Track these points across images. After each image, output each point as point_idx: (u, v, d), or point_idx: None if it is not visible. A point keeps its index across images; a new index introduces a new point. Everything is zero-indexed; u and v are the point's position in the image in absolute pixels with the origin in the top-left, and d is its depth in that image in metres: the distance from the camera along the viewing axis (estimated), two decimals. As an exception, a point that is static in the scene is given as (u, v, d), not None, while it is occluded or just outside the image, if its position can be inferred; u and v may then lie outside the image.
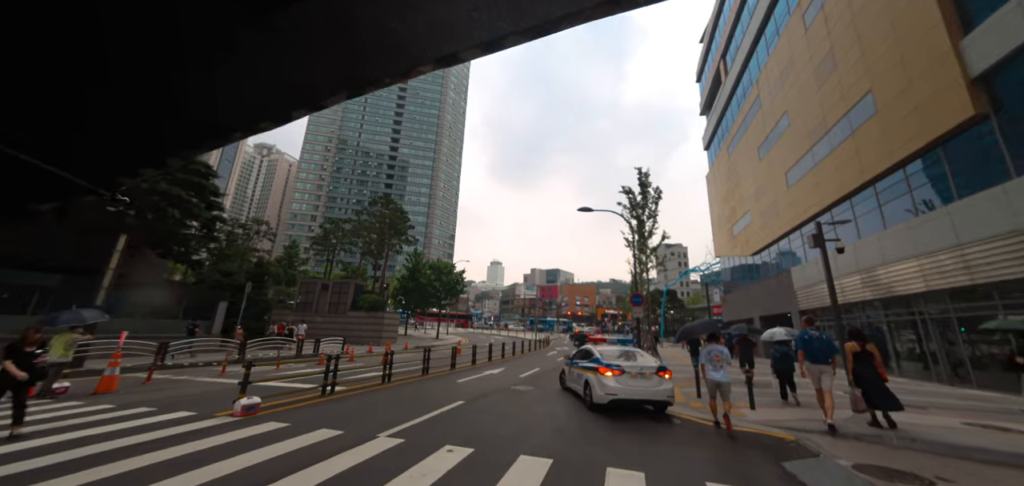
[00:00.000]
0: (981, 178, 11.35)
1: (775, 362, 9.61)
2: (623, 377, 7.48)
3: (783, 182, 22.98)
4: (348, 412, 7.15)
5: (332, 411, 7.16)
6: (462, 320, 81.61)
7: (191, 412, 6.60)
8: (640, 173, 18.49)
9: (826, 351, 6.98)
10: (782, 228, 23.26)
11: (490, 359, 19.38)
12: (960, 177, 12.04)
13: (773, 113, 24.34)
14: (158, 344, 13.25)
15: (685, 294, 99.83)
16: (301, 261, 48.86)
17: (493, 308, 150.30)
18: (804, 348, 7.24)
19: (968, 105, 11.25)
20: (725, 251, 36.60)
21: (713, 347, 7.04)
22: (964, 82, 11.39)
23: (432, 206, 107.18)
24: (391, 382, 10.92)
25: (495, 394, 9.75)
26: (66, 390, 8.34)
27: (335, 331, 30.47)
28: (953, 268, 11.91)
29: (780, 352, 9.61)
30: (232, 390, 8.46)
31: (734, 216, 32.71)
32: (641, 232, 17.74)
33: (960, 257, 11.62)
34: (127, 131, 1.17)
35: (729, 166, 33.61)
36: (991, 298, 11.23)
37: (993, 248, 10.74)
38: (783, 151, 22.94)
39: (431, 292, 40.90)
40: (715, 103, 37.93)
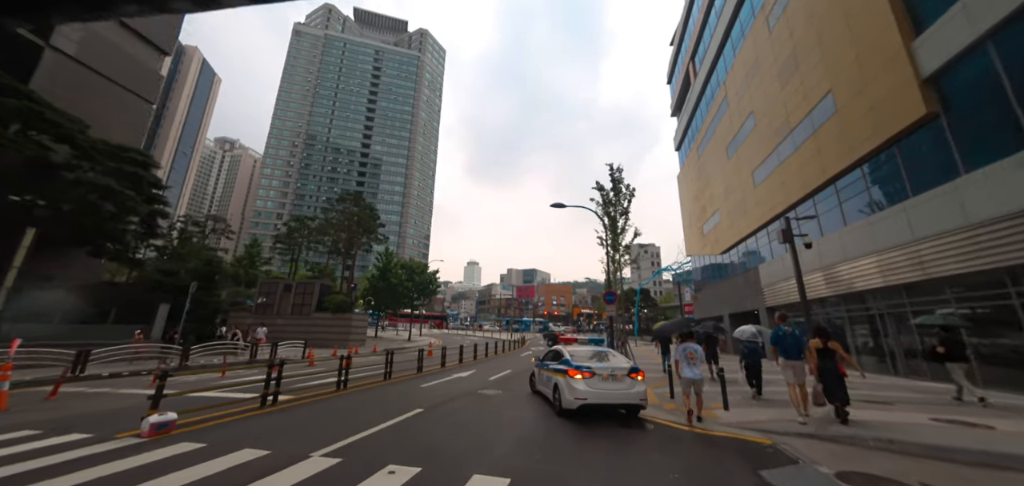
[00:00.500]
0: (933, 176, 11.75)
1: (744, 356, 9.98)
2: (594, 380, 7.00)
3: (750, 181, 23.54)
4: (283, 426, 6.27)
5: (265, 426, 6.26)
6: (437, 321, 79.99)
7: (87, 434, 5.52)
8: (612, 169, 18.26)
9: (798, 347, 7.17)
10: (749, 227, 23.83)
11: (461, 361, 18.64)
12: (914, 175, 12.46)
13: (740, 114, 24.92)
14: (76, 352, 11.68)
15: (658, 293, 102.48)
16: (264, 261, 46.02)
17: (470, 309, 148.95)
18: (777, 344, 7.38)
19: (920, 104, 11.61)
20: (696, 250, 37.44)
21: (687, 345, 7.31)
22: (916, 81, 11.75)
23: (406, 205, 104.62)
24: (347, 389, 10.01)
25: (459, 399, 9.07)
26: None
27: (299, 334, 28.73)
28: (907, 263, 12.30)
29: (748, 347, 10.00)
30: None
31: (704, 215, 33.45)
32: (614, 230, 17.50)
33: (915, 253, 12.00)
34: None
35: (699, 166, 34.35)
36: (942, 292, 11.64)
37: (945, 243, 11.11)
38: (750, 151, 23.49)
39: (402, 292, 39.52)
40: (685, 104, 38.77)
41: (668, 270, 53.02)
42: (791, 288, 18.92)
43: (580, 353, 8.16)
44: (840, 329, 16.22)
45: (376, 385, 11.02)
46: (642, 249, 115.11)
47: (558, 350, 8.73)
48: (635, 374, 7.25)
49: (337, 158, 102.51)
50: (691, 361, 7.12)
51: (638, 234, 17.71)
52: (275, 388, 7.95)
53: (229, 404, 7.52)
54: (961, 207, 10.73)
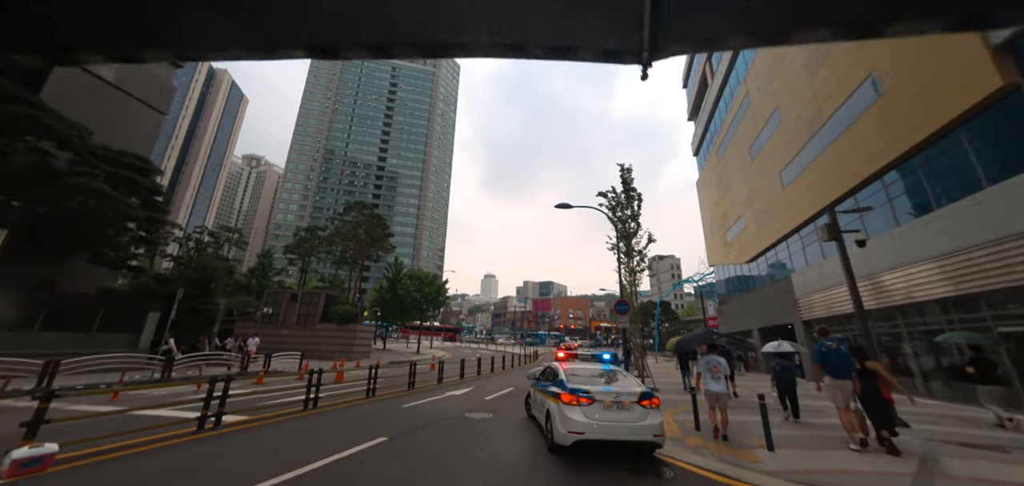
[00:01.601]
0: (1014, 162, 9.77)
1: (776, 375, 9.09)
2: (593, 408, 5.52)
3: (777, 183, 21.53)
4: (202, 461, 5.06)
5: (181, 458, 5.07)
6: (450, 333, 78.83)
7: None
8: (623, 169, 16.79)
9: (847, 365, 6.31)
10: (778, 232, 21.71)
11: (462, 377, 17.25)
12: (989, 160, 10.48)
13: (763, 110, 23.05)
14: (45, 362, 10.96)
15: (679, 306, 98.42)
16: (276, 271, 46.15)
17: (486, 321, 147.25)
18: (821, 362, 6.51)
19: (993, 75, 9.75)
20: (719, 259, 35.08)
21: (711, 358, 7.06)
22: (986, 51, 9.92)
23: (421, 218, 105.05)
24: (316, 408, 8.79)
25: (438, 425, 7.69)
26: None
27: (303, 345, 28.05)
28: (989, 268, 10.24)
29: (781, 365, 9.12)
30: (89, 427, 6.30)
31: (726, 222, 31.26)
32: (626, 233, 15.93)
33: (999, 254, 9.94)
34: None
35: (719, 170, 32.31)
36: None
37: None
38: (776, 150, 21.54)
39: (410, 304, 38.57)
40: (702, 106, 36.91)
41: (689, 281, 50.32)
42: (831, 299, 16.77)
43: (580, 373, 6.68)
44: (888, 347, 14.02)
45: (353, 403, 9.78)
46: (660, 260, 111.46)
47: (552, 368, 7.27)
48: (648, 401, 5.71)
49: (354, 172, 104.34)
50: (715, 374, 6.88)
51: (652, 240, 16.08)
52: (218, 409, 6.79)
53: (162, 426, 6.40)
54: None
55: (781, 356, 10.32)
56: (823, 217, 16.88)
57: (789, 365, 9.14)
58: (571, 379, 6.22)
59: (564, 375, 6.43)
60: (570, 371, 6.71)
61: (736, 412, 9.41)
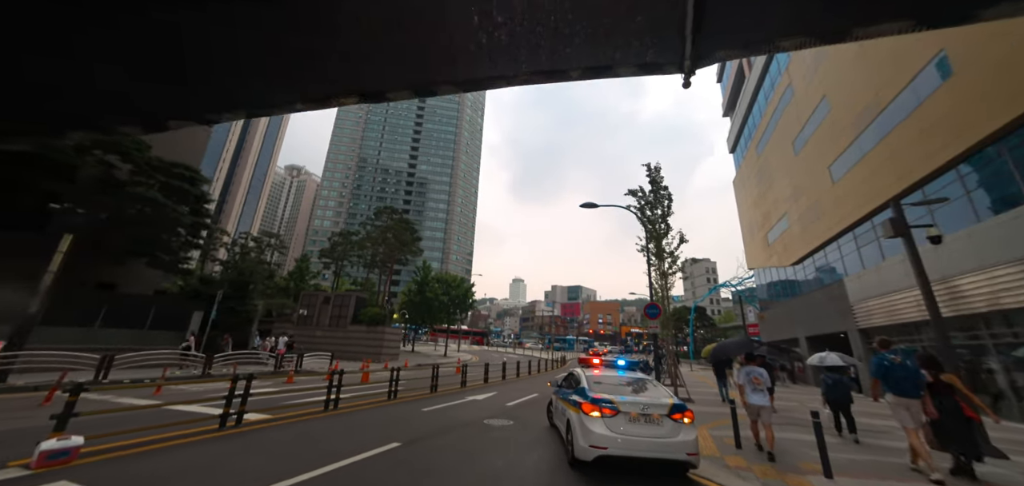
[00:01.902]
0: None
1: (827, 391, 8.21)
2: (617, 420, 5.03)
3: (825, 178, 19.76)
4: (217, 459, 5.06)
5: (197, 456, 5.10)
6: (478, 337, 79.19)
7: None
8: (650, 169, 15.92)
9: (914, 381, 5.53)
10: (828, 231, 19.89)
11: (485, 381, 17.03)
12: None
13: (809, 101, 21.30)
14: (101, 357, 11.81)
15: (716, 312, 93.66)
16: (313, 275, 48.29)
17: (514, 326, 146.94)
18: (882, 377, 5.78)
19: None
20: (759, 262, 32.86)
21: (752, 368, 6.68)
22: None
23: (450, 222, 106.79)
24: (336, 409, 8.81)
25: (455, 431, 7.43)
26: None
27: (334, 345, 29.00)
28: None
29: (833, 379, 8.26)
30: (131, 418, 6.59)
31: (767, 222, 29.21)
32: (655, 233, 15.08)
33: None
34: None
35: (759, 167, 30.31)
36: None
37: None
38: (824, 142, 19.79)
39: (438, 307, 38.98)
40: (739, 101, 34.87)
41: (726, 286, 47.63)
42: (892, 306, 15.08)
43: (606, 381, 6.18)
44: (966, 361, 12.30)
45: (374, 405, 9.74)
46: (694, 263, 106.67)
47: (575, 374, 6.82)
48: (680, 415, 5.14)
49: (386, 178, 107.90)
50: (756, 386, 6.45)
51: (684, 241, 15.12)
52: (240, 407, 6.89)
53: (189, 422, 6.55)
54: None
55: (831, 369, 9.30)
56: (883, 213, 15.23)
57: (842, 379, 8.28)
58: (594, 387, 5.75)
59: (586, 382, 5.97)
60: (594, 378, 6.23)
61: (784, 428, 8.51)
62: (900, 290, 14.34)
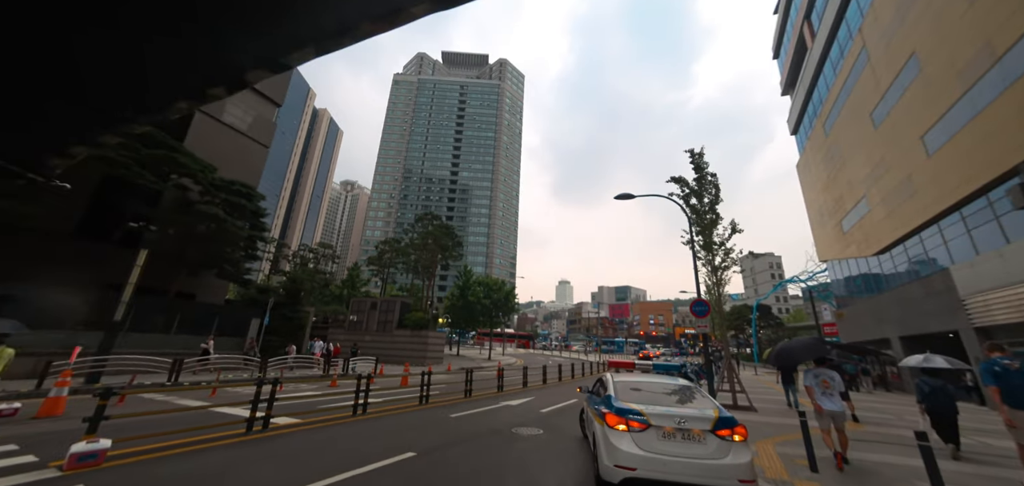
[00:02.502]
0: None
1: (925, 398, 7.05)
2: (648, 435, 4.25)
3: (918, 151, 16.75)
4: (230, 464, 5.04)
5: (212, 461, 5.12)
6: (524, 340, 78.87)
7: (28, 458, 4.99)
8: (693, 155, 14.41)
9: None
10: (923, 213, 16.83)
11: (524, 385, 16.48)
12: None
13: (890, 63, 18.26)
14: (173, 361, 12.99)
15: (783, 310, 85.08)
16: (363, 283, 50.97)
17: (561, 328, 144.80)
18: (999, 385, 4.97)
19: None
20: (833, 253, 28.99)
21: (822, 371, 6.13)
22: None
23: (492, 227, 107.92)
24: (365, 414, 8.76)
25: (479, 440, 6.97)
26: (15, 412, 7.61)
27: (381, 349, 30.16)
28: None
29: (931, 386, 7.06)
30: (193, 418, 6.99)
31: (841, 208, 25.64)
32: (702, 223, 13.58)
33: None
34: (56, 100, 0.83)
35: (827, 147, 26.75)
36: None
37: None
38: (913, 109, 16.81)
39: (480, 310, 39.16)
40: (801, 76, 31.13)
41: (794, 281, 42.86)
42: (1020, 298, 12.26)
43: (642, 387, 5.35)
44: None
45: (403, 410, 9.61)
46: (755, 258, 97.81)
47: (604, 378, 6.04)
48: (728, 430, 4.22)
49: (429, 187, 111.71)
50: (826, 390, 5.95)
51: (737, 230, 13.48)
52: (267, 411, 6.99)
53: (221, 425, 6.75)
54: None
55: (932, 373, 7.82)
56: (1007, 183, 12.49)
57: (944, 386, 7.07)
58: (623, 395, 4.97)
59: (614, 388, 5.20)
60: (624, 384, 5.42)
61: (873, 447, 7.04)
62: None
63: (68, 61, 0.75)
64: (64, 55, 0.74)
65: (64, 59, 0.75)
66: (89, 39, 0.73)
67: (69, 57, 0.74)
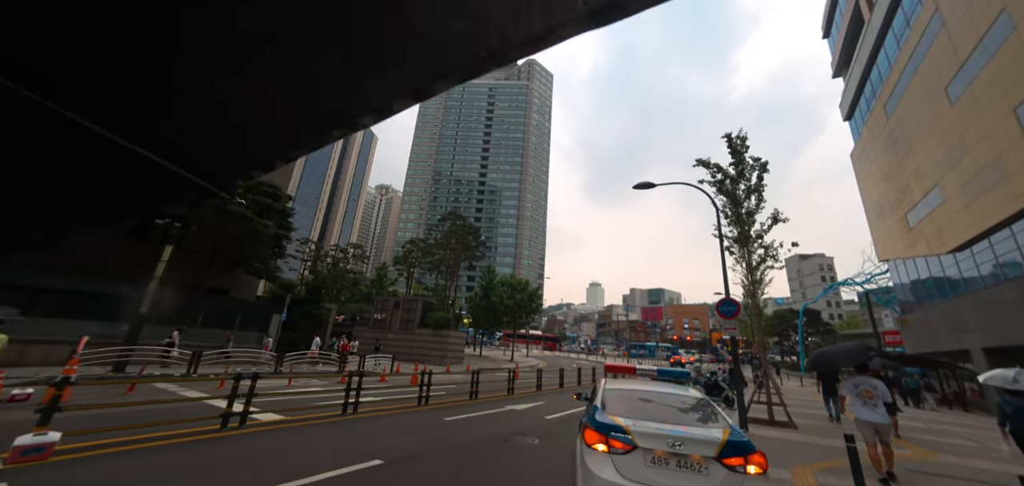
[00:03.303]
0: None
1: (1007, 419, 5.81)
2: (633, 458, 3.31)
3: (1011, 126, 14.13)
4: (185, 465, 4.64)
5: (167, 460, 4.74)
6: (550, 343, 77.45)
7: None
8: (731, 140, 12.80)
9: None
10: (1020, 199, 14.15)
11: (538, 388, 15.66)
12: None
13: (973, 25, 15.64)
14: (193, 353, 13.36)
15: (836, 316, 77.94)
16: (391, 282, 52.02)
17: (591, 331, 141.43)
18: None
19: None
20: (896, 252, 25.65)
21: (862, 379, 5.80)
22: None
23: (520, 228, 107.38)
24: (354, 414, 8.31)
25: (463, 450, 6.24)
26: (28, 397, 7.83)
27: (402, 348, 30.34)
28: None
29: (1015, 406, 5.79)
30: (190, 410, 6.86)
31: (906, 200, 22.54)
32: (737, 213, 12.03)
33: None
34: (245, 128, 0.95)
35: (889, 131, 23.67)
36: None
37: None
38: (1004, 76, 14.21)
39: (503, 310, 38.56)
40: (857, 54, 27.89)
41: (848, 284, 38.76)
42: None
43: (639, 398, 4.40)
44: None
45: (397, 411, 9.08)
46: (804, 260, 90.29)
47: (598, 386, 5.10)
48: (739, 459, 3.20)
49: (459, 189, 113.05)
50: (868, 400, 5.62)
51: (780, 219, 11.84)
52: (245, 407, 6.64)
53: (191, 420, 6.43)
54: None
55: (1015, 394, 6.37)
56: None
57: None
58: (612, 406, 4.05)
59: (603, 397, 4.28)
60: (618, 393, 4.48)
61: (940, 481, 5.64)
62: None
63: (264, 95, 0.81)
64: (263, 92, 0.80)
65: (262, 94, 0.80)
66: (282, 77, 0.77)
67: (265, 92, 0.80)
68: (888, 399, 5.83)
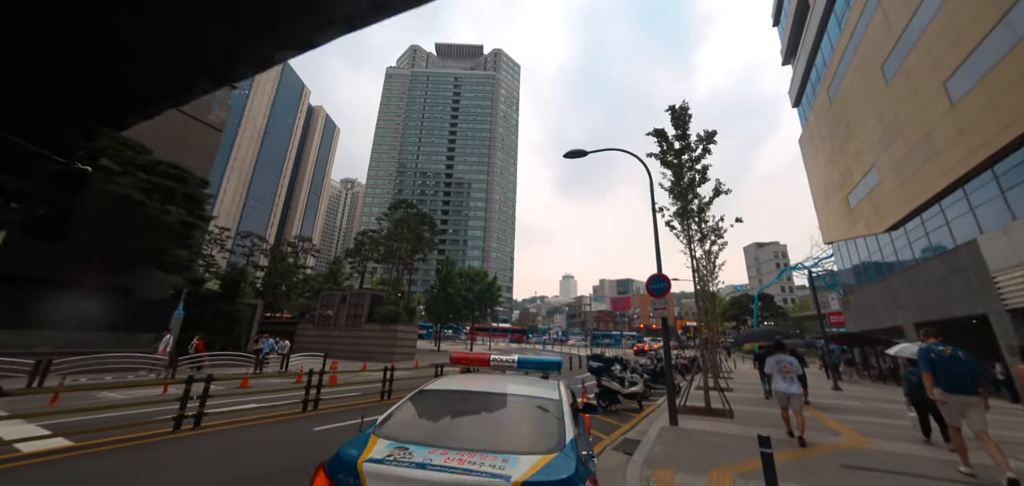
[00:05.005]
0: None
1: (912, 389, 6.77)
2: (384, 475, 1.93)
3: (940, 101, 14.11)
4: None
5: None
6: (517, 335, 76.71)
7: None
8: (674, 111, 11.78)
9: (969, 376, 4.90)
10: (946, 175, 14.19)
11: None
12: None
13: (905, 2, 15.59)
14: (36, 360, 10.93)
15: (789, 301, 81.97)
16: (345, 277, 49.05)
17: (563, 323, 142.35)
18: (931, 371, 5.14)
19: None
20: (839, 233, 26.30)
21: (780, 357, 6.68)
22: None
23: (489, 220, 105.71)
24: (197, 428, 6.55)
25: (276, 478, 4.71)
26: None
27: (348, 345, 28.28)
28: None
29: (918, 376, 6.38)
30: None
31: (848, 181, 22.96)
32: (679, 185, 11.08)
33: None
34: (81, 82, 0.69)
35: (832, 114, 24.02)
36: None
37: None
38: (933, 51, 14.15)
39: (461, 303, 36.98)
40: (803, 38, 28.29)
41: (797, 268, 40.09)
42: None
43: (447, 400, 3.14)
44: None
45: (261, 421, 7.38)
46: (760, 247, 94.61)
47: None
48: None
49: (425, 182, 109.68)
50: (785, 374, 6.45)
51: (721, 191, 11.00)
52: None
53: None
54: None
55: (915, 364, 7.33)
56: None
57: None
58: (399, 419, 2.72)
59: (392, 412, 2.88)
60: (424, 397, 3.11)
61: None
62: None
63: (80, 47, 0.74)
64: (75, 42, 0.71)
65: (74, 45, 0.71)
66: (96, 22, 0.69)
67: (81, 44, 0.73)
68: (800, 372, 6.72)
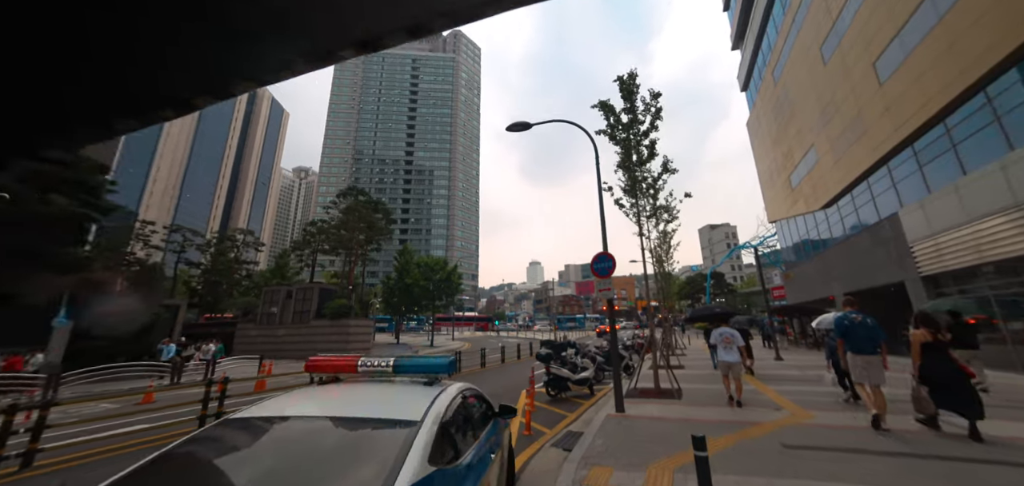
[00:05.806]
0: None
1: (831, 353, 7.73)
2: None
3: (870, 81, 14.68)
4: None
5: None
6: (482, 323, 76.23)
7: None
8: (623, 82, 11.22)
9: (871, 338, 5.64)
10: (875, 152, 14.90)
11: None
12: None
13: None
14: None
15: (738, 278, 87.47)
16: (294, 271, 45.68)
17: (530, 309, 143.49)
18: (843, 336, 5.91)
19: None
20: (782, 212, 27.68)
21: (723, 329, 7.38)
22: None
23: (452, 208, 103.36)
24: (30, 469, 5.10)
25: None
26: None
27: (295, 344, 26.21)
28: None
29: (833, 343, 7.16)
30: None
31: (790, 161, 24.01)
32: (628, 162, 10.61)
33: None
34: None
35: (776, 98, 24.94)
36: None
37: None
38: (867, 30, 14.65)
39: (419, 293, 35.51)
40: (750, 22, 29.12)
41: (745, 247, 42.27)
42: (981, 237, 10.30)
43: (254, 434, 2.22)
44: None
45: (134, 446, 6.01)
46: (713, 229, 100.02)
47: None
48: None
49: (383, 170, 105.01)
50: (727, 346, 7.17)
51: (669, 170, 10.66)
52: None
53: None
54: None
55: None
56: (972, 101, 10.37)
57: None
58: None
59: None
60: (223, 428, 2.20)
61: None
62: (1003, 212, 9.56)
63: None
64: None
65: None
66: None
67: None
68: (741, 343, 7.35)
